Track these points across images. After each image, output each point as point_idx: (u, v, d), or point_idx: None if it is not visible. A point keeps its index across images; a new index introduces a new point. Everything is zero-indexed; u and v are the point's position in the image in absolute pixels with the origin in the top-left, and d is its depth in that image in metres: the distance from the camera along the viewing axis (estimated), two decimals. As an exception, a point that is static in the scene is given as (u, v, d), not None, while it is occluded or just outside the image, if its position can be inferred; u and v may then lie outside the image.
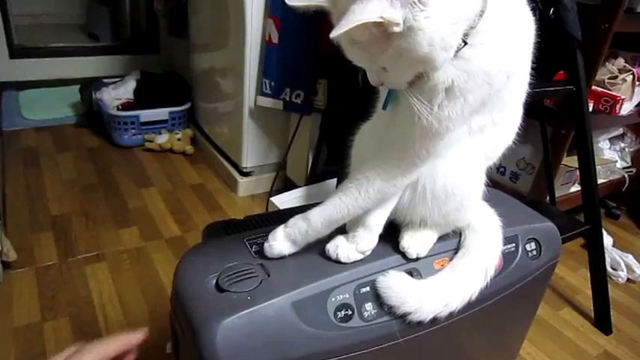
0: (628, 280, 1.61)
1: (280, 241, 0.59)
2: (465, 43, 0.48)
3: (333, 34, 0.43)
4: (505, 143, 0.64)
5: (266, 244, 0.59)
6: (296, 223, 0.59)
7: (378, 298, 0.58)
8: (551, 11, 1.18)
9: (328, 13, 0.49)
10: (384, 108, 0.58)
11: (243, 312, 0.51)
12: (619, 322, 1.42)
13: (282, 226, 0.60)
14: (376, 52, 0.47)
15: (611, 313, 1.39)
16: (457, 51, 0.48)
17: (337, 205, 0.58)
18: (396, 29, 0.44)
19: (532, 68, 0.61)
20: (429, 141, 0.54)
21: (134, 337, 0.54)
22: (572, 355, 1.28)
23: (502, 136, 0.63)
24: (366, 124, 0.68)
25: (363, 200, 0.58)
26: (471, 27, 0.48)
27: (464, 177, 0.61)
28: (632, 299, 1.54)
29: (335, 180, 1.47)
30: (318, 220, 0.59)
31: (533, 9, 0.57)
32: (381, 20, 0.42)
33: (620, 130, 1.86)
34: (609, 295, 1.38)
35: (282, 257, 0.60)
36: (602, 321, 1.39)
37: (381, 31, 0.44)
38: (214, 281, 0.55)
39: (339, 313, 0.55)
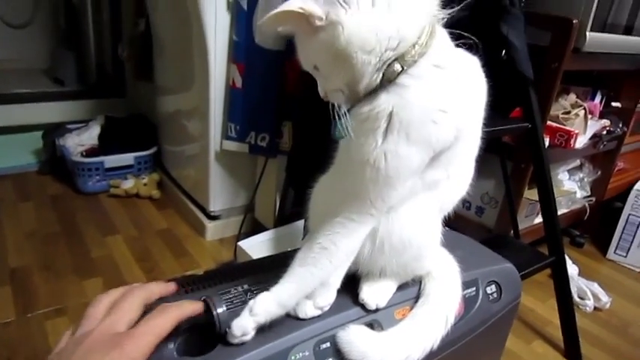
0: (595, 308, 1.64)
1: (251, 331, 0.54)
2: (403, 69, 0.51)
3: (260, 22, 0.46)
4: (458, 196, 0.65)
5: (230, 333, 0.53)
6: (266, 309, 0.55)
7: (339, 353, 0.57)
8: (503, 53, 1.24)
9: (293, 54, 0.54)
10: (335, 137, 0.58)
11: (197, 380, 0.49)
12: (588, 352, 1.43)
13: (247, 314, 0.54)
14: (307, 47, 0.53)
15: (581, 342, 1.40)
16: (396, 76, 0.51)
17: (308, 280, 0.57)
18: (319, 23, 0.48)
19: (489, 106, 0.62)
20: (381, 188, 0.54)
21: (170, 286, 0.58)
22: (545, 389, 1.28)
23: (455, 190, 0.64)
24: (323, 176, 0.68)
25: (334, 266, 0.58)
26: (412, 58, 0.50)
27: (420, 228, 0.61)
28: (600, 327, 1.56)
29: (302, 222, 1.47)
30: (290, 301, 0.57)
31: (485, 50, 0.59)
32: (301, 11, 0.48)
33: (578, 162, 1.93)
34: (577, 325, 1.39)
35: None
36: (572, 352, 1.40)
37: (307, 24, 0.49)
38: (171, 345, 0.53)
39: (299, 372, 0.54)
